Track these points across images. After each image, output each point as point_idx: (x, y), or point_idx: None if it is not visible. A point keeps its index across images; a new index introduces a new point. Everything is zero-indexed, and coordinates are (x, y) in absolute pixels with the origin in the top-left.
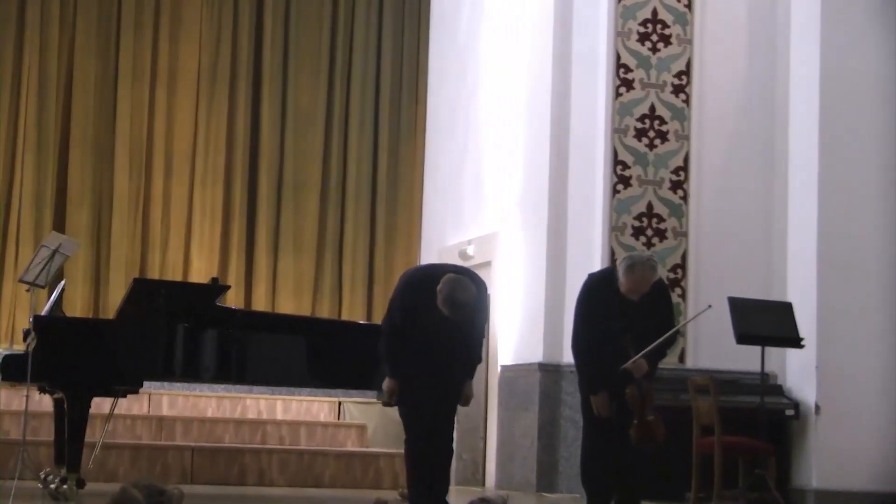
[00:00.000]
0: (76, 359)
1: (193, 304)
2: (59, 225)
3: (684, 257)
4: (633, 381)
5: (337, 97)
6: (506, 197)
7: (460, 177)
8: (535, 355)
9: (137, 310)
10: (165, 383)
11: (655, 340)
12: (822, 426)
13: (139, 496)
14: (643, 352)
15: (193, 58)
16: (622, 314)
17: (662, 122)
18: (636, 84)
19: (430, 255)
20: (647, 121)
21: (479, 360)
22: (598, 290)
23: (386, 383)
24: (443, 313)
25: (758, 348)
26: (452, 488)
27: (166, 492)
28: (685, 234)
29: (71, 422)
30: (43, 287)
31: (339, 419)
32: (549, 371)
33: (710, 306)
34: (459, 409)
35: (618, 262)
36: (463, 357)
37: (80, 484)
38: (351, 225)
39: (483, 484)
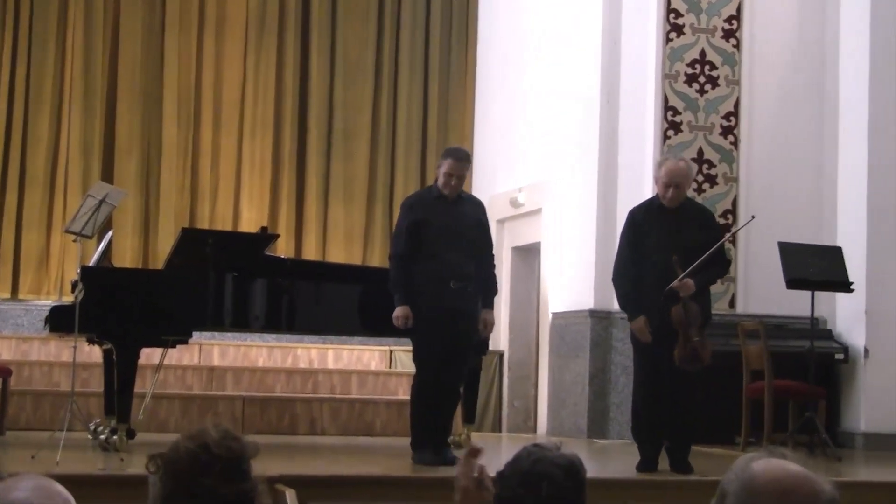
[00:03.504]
0: (124, 309)
1: (242, 253)
2: (108, 175)
3: (735, 203)
4: (680, 301)
5: (386, 44)
6: (556, 144)
7: (511, 124)
8: (586, 302)
9: (186, 259)
10: (216, 333)
11: (702, 256)
12: (871, 370)
13: (214, 435)
14: (689, 269)
15: (241, 6)
16: (667, 233)
17: (713, 67)
18: (686, 29)
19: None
20: (697, 66)
21: (495, 286)
22: (639, 215)
23: (397, 311)
24: (445, 225)
25: (807, 293)
26: (504, 435)
27: (242, 439)
28: (736, 180)
29: (120, 372)
30: (90, 237)
31: (390, 367)
32: (599, 318)
33: (753, 217)
34: (512, 357)
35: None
36: (476, 277)
37: (131, 434)
38: (401, 173)
39: (534, 431)
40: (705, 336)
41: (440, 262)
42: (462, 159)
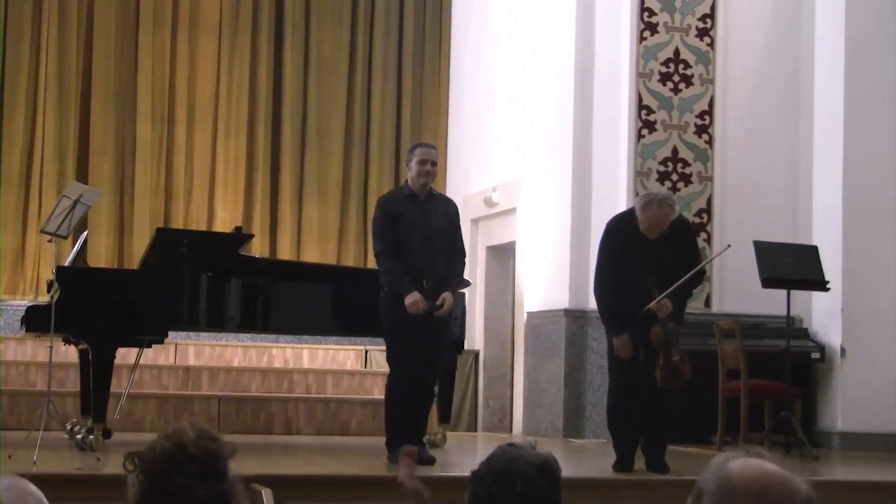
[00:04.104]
0: (100, 309)
1: (217, 252)
2: (82, 175)
3: (709, 202)
4: (658, 321)
5: (360, 43)
6: (530, 143)
7: (485, 123)
8: (561, 302)
9: (161, 259)
10: (192, 333)
11: (680, 280)
12: (847, 369)
13: (191, 435)
14: (666, 291)
15: (215, 5)
16: (644, 253)
17: (687, 65)
18: (660, 27)
19: (455, 201)
20: (671, 65)
21: (461, 279)
22: (618, 230)
23: (408, 298)
24: (417, 222)
25: (783, 292)
26: (479, 435)
27: (219, 439)
28: (710, 179)
29: (95, 372)
30: (65, 237)
31: (365, 367)
32: (575, 317)
33: (728, 246)
34: (487, 356)
35: (635, 201)
36: (447, 271)
37: (107, 434)
38: (375, 172)
39: (510, 430)
40: (684, 353)
41: (413, 260)
42: (430, 145)
